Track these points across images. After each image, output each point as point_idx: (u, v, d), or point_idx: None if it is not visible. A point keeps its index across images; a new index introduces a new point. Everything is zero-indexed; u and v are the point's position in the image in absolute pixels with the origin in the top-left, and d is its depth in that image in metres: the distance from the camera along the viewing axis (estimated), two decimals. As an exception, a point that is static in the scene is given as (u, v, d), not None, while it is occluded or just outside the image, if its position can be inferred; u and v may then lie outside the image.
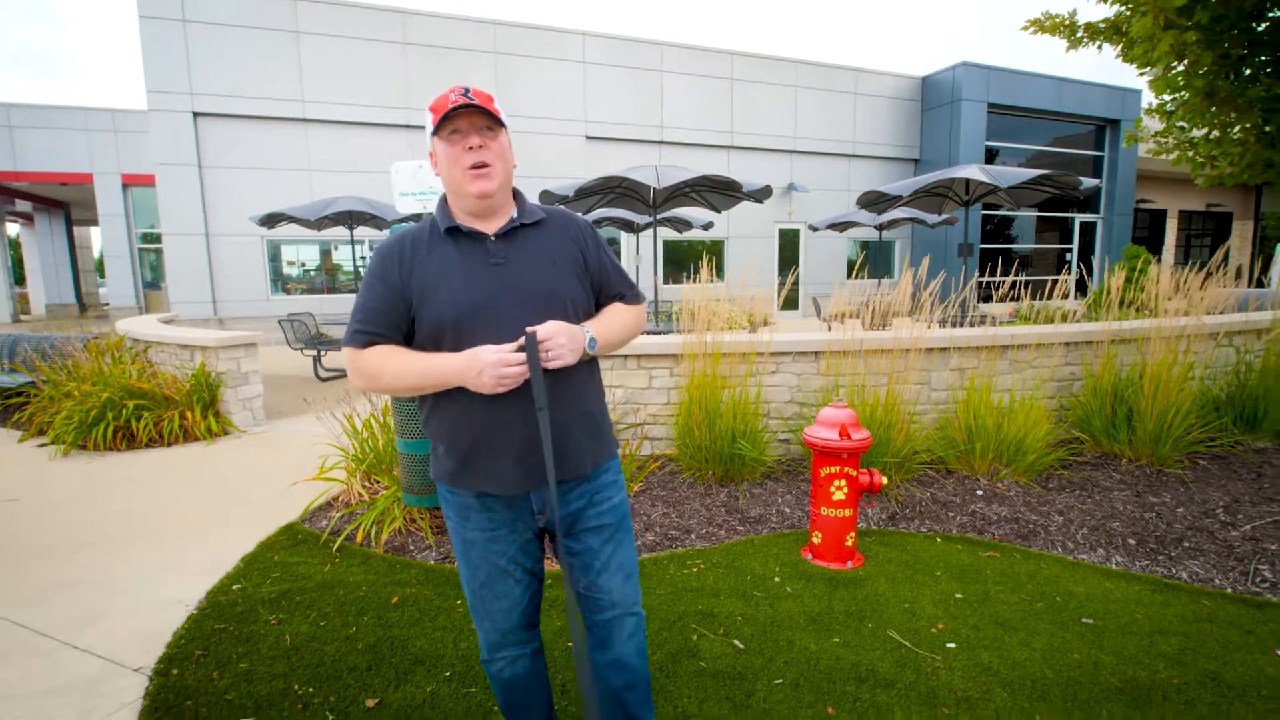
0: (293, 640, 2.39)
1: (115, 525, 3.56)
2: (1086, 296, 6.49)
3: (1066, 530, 3.28)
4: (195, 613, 2.60)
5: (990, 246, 17.24)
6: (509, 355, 1.29)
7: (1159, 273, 4.61)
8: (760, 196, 7.30)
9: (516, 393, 1.35)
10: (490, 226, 1.43)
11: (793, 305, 16.38)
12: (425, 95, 12.54)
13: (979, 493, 3.75)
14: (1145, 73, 5.48)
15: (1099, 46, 5.70)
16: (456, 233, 1.42)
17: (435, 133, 1.39)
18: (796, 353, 4.33)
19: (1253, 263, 19.56)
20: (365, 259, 13.18)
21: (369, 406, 4.09)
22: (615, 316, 1.56)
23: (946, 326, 4.70)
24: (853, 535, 2.94)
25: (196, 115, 11.43)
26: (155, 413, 5.25)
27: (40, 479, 4.41)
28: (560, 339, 1.33)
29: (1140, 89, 18.04)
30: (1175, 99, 5.68)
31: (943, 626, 2.43)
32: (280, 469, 4.44)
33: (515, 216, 1.45)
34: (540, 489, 1.44)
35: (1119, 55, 5.45)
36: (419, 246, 1.42)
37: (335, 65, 12.08)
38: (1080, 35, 5.76)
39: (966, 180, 7.64)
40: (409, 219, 5.57)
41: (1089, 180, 7.31)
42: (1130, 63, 5.25)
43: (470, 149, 1.37)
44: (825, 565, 2.93)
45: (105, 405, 5.11)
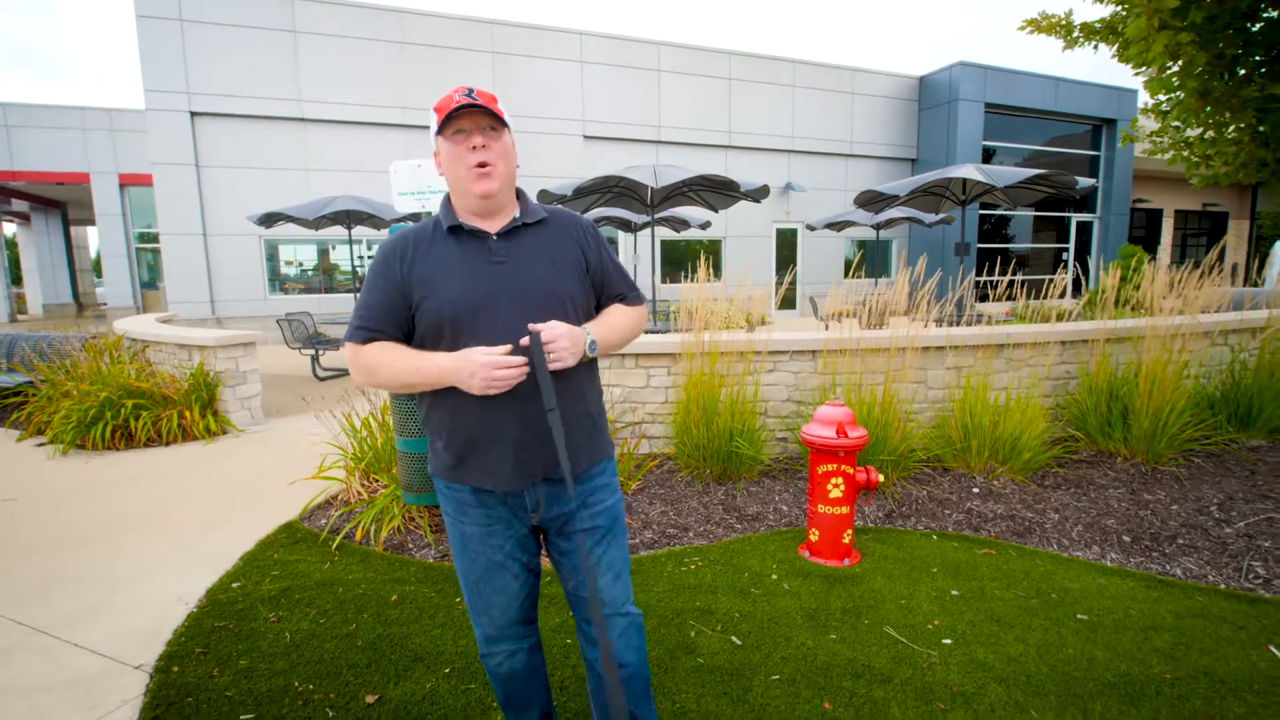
0: (292, 637, 2.40)
1: (114, 524, 3.57)
2: (1082, 296, 6.52)
3: (1062, 527, 3.30)
4: (195, 610, 2.61)
5: (987, 246, 17.27)
6: (499, 358, 1.30)
7: (1153, 272, 4.63)
8: (758, 196, 7.32)
9: (512, 391, 1.36)
10: (493, 225, 1.45)
11: (790, 304, 16.40)
12: (423, 95, 12.53)
13: (975, 490, 3.77)
14: (1140, 73, 5.51)
15: (1095, 47, 5.74)
16: (459, 231, 1.44)
17: (439, 132, 1.40)
18: (794, 351, 4.35)
19: (1249, 262, 19.65)
20: (363, 259, 13.18)
21: (368, 405, 4.10)
22: (616, 318, 1.57)
23: (943, 325, 4.72)
24: (850, 533, 2.96)
25: (194, 115, 11.42)
26: (154, 412, 5.26)
27: (39, 478, 4.42)
28: (563, 341, 1.34)
29: (1136, 89, 18.10)
30: (1170, 99, 5.71)
31: (939, 623, 2.44)
32: (279, 468, 4.45)
33: (518, 216, 1.46)
34: (534, 487, 1.46)
35: (1115, 55, 5.49)
36: (421, 244, 1.44)
37: (333, 65, 12.07)
38: (1076, 35, 5.79)
39: (963, 180, 7.66)
40: (407, 218, 5.58)
41: (1085, 180, 7.34)
42: (1126, 63, 5.28)
43: (474, 148, 1.38)
44: (822, 562, 2.94)
45: (104, 404, 5.12)
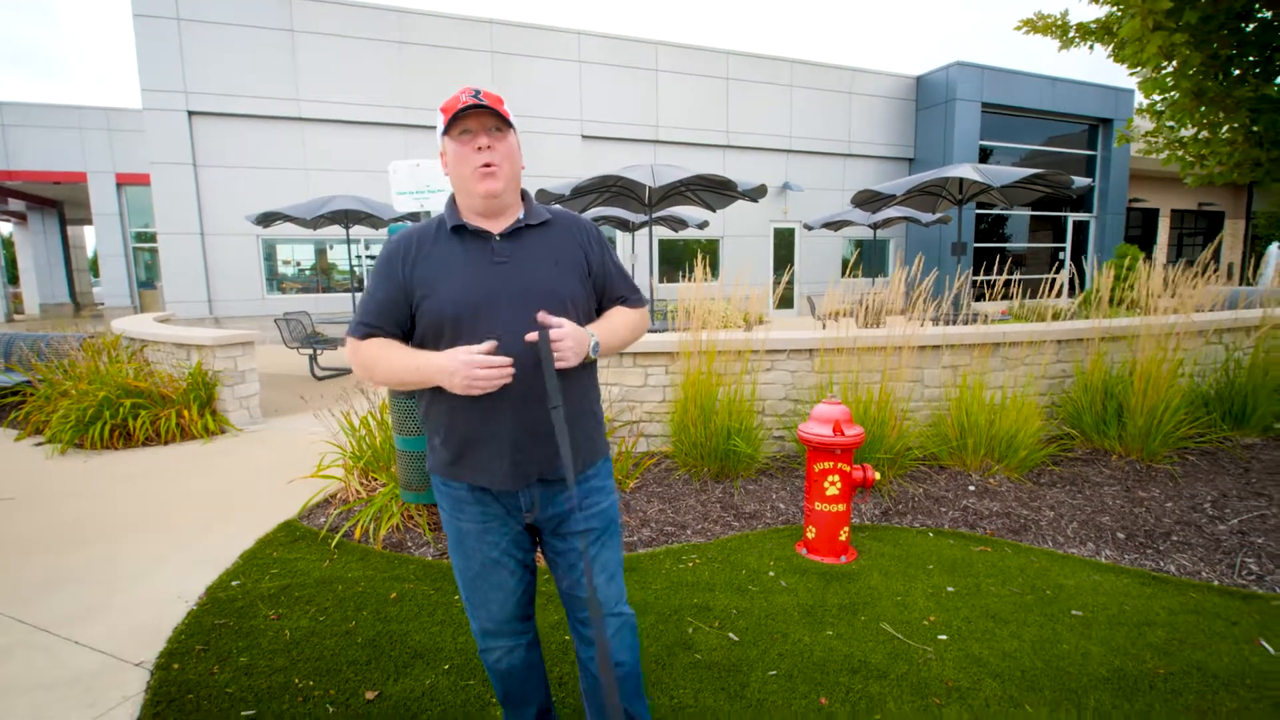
0: (292, 635, 2.41)
1: (113, 522, 3.57)
2: (1078, 295, 6.54)
3: (1057, 525, 3.32)
4: (195, 608, 2.62)
5: (984, 245, 17.32)
6: (480, 358, 1.30)
7: (1148, 271, 4.66)
8: (755, 195, 7.33)
9: (509, 390, 1.37)
10: (496, 226, 1.46)
11: (788, 304, 16.43)
12: (421, 94, 12.54)
13: (971, 488, 3.79)
14: (1135, 73, 5.54)
15: (1090, 47, 5.76)
16: (463, 230, 1.45)
17: (446, 132, 1.42)
18: (791, 350, 4.37)
19: (1244, 261, 19.71)
20: (360, 258, 13.18)
21: (366, 404, 4.11)
22: (618, 320, 1.58)
23: (940, 325, 4.74)
24: (846, 530, 2.98)
25: (191, 114, 11.41)
26: (152, 411, 5.26)
27: (37, 477, 4.42)
28: (568, 341, 1.34)
29: (1133, 89, 18.14)
30: (1165, 99, 5.74)
31: (934, 619, 2.46)
32: (277, 467, 4.45)
33: (521, 217, 1.48)
34: (530, 487, 1.47)
35: (1110, 56, 5.51)
36: (424, 243, 1.45)
37: (331, 64, 12.06)
38: (1072, 35, 5.82)
39: (960, 179, 7.69)
40: (406, 218, 5.59)
41: (1081, 179, 7.37)
42: (1121, 63, 5.30)
43: (479, 149, 1.39)
44: (819, 559, 2.96)
45: (102, 404, 5.12)
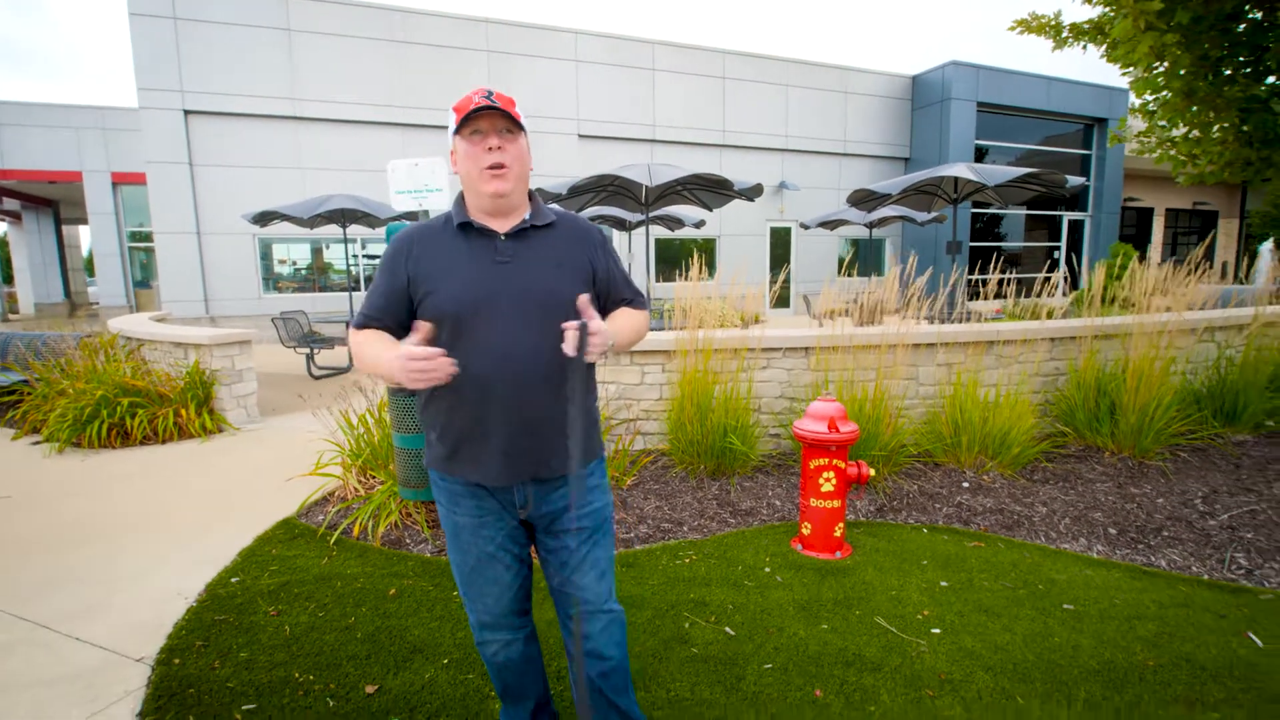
0: (292, 630, 2.43)
1: (112, 521, 3.58)
2: (1072, 294, 6.59)
3: (1049, 521, 3.36)
4: (195, 605, 2.64)
5: (979, 244, 17.38)
6: (412, 350, 1.25)
7: (1141, 269, 4.70)
8: (751, 195, 7.36)
9: (507, 389, 1.40)
10: (502, 225, 1.49)
11: (784, 303, 16.47)
12: (418, 94, 12.53)
13: (965, 485, 3.83)
14: (1127, 73, 5.57)
15: (1084, 47, 5.79)
16: (469, 229, 1.48)
17: (457, 132, 1.44)
18: (787, 349, 4.40)
19: (1238, 260, 19.82)
20: (357, 257, 13.17)
21: (365, 402, 4.13)
22: (626, 322, 1.60)
23: (934, 323, 4.78)
24: (841, 526, 3.01)
25: (187, 113, 11.38)
26: (149, 410, 5.26)
27: (35, 476, 4.42)
28: (598, 338, 1.33)
29: (1127, 88, 18.23)
30: (1156, 99, 5.77)
31: (928, 613, 2.50)
32: (276, 465, 4.46)
33: (527, 218, 1.50)
34: (523, 485, 1.50)
35: (1103, 56, 5.54)
36: (428, 240, 1.48)
37: (328, 63, 12.05)
38: (1065, 36, 5.84)
39: (955, 178, 7.72)
40: (404, 217, 5.60)
41: (1075, 179, 7.41)
42: (1113, 63, 5.34)
43: (489, 150, 1.42)
44: (814, 555, 2.99)
45: (99, 403, 5.12)
